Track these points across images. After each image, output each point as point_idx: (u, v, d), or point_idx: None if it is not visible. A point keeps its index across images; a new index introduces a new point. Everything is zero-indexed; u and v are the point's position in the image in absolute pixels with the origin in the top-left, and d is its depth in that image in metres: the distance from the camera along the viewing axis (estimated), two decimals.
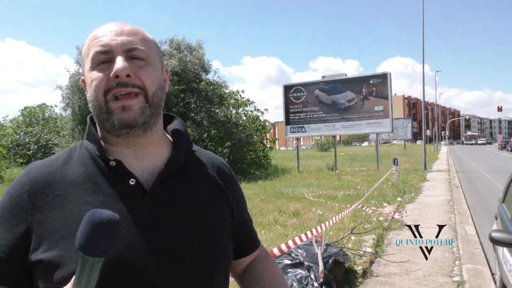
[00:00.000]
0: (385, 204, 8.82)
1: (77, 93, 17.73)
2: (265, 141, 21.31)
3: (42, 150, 29.78)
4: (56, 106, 40.06)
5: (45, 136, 30.58)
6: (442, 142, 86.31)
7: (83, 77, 0.90)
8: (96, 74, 0.82)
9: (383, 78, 18.58)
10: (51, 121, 33.39)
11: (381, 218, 7.06)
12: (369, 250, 5.18)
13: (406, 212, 7.63)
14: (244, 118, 20.31)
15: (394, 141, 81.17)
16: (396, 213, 7.33)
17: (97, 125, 0.89)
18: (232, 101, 19.91)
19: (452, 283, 4.19)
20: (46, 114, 35.59)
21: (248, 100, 20.49)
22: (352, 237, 5.51)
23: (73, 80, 18.22)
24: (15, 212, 0.81)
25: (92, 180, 0.83)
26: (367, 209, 7.40)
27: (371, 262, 4.85)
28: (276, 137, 41.17)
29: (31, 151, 29.97)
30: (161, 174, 0.86)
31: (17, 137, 31.02)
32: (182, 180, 0.90)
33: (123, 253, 0.76)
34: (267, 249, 1.20)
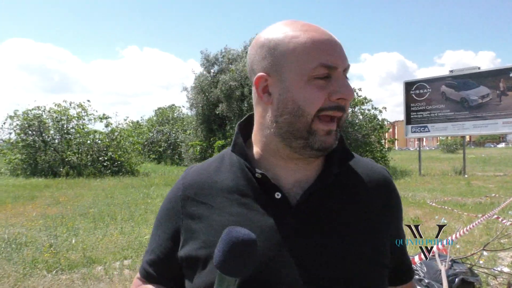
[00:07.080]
0: None
1: (201, 94, 19.10)
2: (383, 141, 20.34)
3: (171, 147, 32.86)
4: (183, 106, 43.98)
5: (173, 135, 33.65)
6: None
7: (261, 74, 0.79)
8: (311, 90, 0.75)
9: None
10: (179, 120, 36.66)
11: None
12: (506, 270, 4.48)
13: None
14: (361, 117, 19.90)
15: None
16: None
17: (268, 137, 0.82)
18: None
19: None
20: (175, 114, 39.16)
21: (365, 98, 20.01)
22: (485, 253, 4.83)
23: (197, 82, 19.68)
24: (170, 215, 0.88)
25: (239, 190, 0.82)
26: (504, 221, 6.45)
27: (510, 285, 4.18)
28: (396, 137, 39.09)
29: (161, 148, 33.32)
30: (309, 189, 0.80)
31: (151, 135, 34.79)
32: (333, 195, 0.82)
33: (262, 273, 0.74)
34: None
